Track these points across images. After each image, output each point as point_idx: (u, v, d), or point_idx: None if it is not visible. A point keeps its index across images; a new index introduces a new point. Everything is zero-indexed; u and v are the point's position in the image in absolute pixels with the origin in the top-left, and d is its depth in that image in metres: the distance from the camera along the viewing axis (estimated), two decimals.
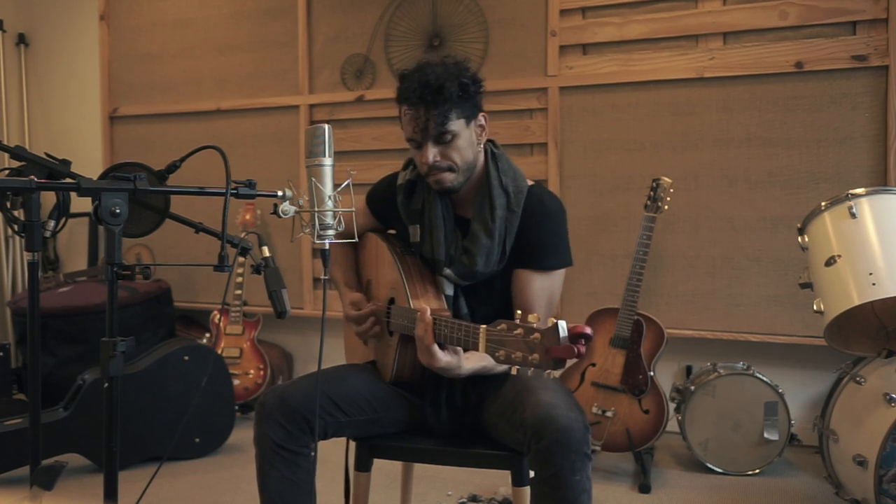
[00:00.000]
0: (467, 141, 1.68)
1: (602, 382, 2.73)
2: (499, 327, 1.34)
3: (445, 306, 1.72)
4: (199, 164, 1.83)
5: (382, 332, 1.82)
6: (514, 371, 1.31)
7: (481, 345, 1.38)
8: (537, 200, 1.72)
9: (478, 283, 1.74)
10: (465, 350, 1.52)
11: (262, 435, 1.62)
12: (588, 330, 1.23)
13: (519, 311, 1.34)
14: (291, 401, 1.61)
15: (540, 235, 1.70)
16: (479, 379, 1.72)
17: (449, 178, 1.69)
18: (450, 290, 1.74)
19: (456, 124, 1.65)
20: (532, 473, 1.53)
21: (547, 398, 1.53)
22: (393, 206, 1.86)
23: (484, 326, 1.37)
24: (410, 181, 1.82)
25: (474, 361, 1.61)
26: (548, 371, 1.26)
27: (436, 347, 1.52)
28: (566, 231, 1.75)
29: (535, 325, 1.27)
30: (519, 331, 1.29)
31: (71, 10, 4.30)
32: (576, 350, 1.22)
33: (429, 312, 1.53)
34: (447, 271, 1.72)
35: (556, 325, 1.23)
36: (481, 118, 1.72)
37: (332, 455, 2.06)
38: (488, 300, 1.75)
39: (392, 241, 1.89)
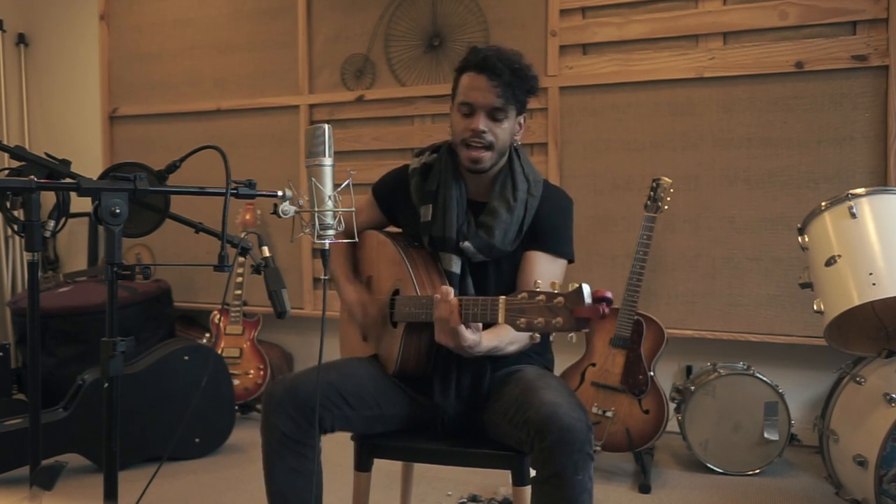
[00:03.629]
0: (510, 129, 1.76)
1: (602, 382, 2.73)
2: (519, 296, 1.36)
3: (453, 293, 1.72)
4: (199, 164, 1.83)
5: (385, 324, 1.83)
6: (534, 338, 1.35)
7: (501, 315, 1.39)
8: (553, 191, 1.85)
9: (487, 263, 1.77)
10: (484, 323, 1.52)
11: (269, 425, 1.62)
12: (609, 294, 1.27)
13: (539, 281, 1.37)
14: (300, 392, 1.61)
15: (554, 221, 1.79)
16: (488, 373, 1.72)
17: (486, 156, 1.74)
18: (457, 268, 1.76)
19: (511, 109, 1.73)
20: (533, 473, 1.54)
21: (550, 398, 1.53)
22: (402, 194, 1.88)
23: (503, 297, 1.40)
24: (426, 164, 1.86)
25: (489, 339, 1.62)
26: (570, 335, 1.30)
27: (463, 328, 1.52)
28: (573, 225, 1.84)
29: (556, 291, 1.32)
30: (541, 297, 1.33)
31: (71, 10, 4.30)
32: (600, 310, 1.26)
33: (452, 293, 1.52)
34: (465, 244, 1.74)
35: (580, 288, 1.28)
36: (522, 118, 1.80)
37: (333, 455, 2.06)
38: (495, 281, 1.79)
39: (394, 236, 1.90)
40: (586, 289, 1.28)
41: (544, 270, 1.74)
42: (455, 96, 1.78)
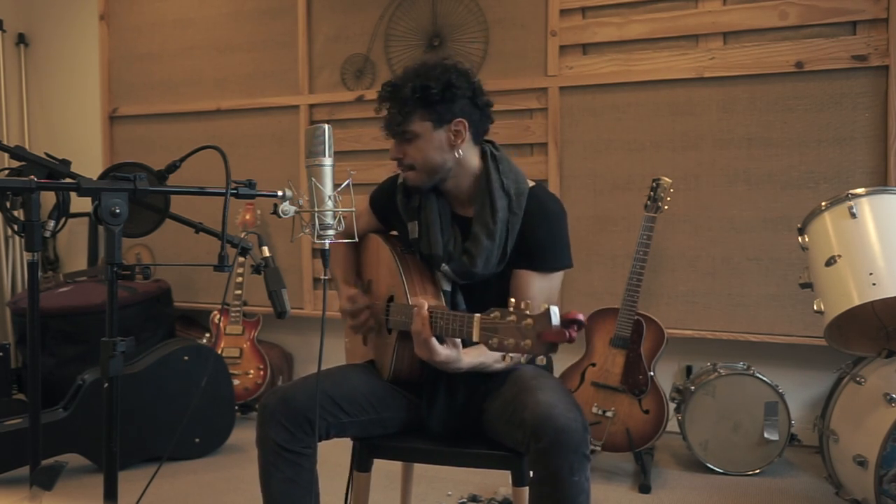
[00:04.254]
0: (434, 144, 1.69)
1: (602, 382, 2.73)
2: (492, 315, 1.35)
3: (443, 303, 1.72)
4: (199, 164, 1.83)
5: (381, 329, 1.83)
6: (507, 360, 1.32)
7: (475, 333, 1.38)
8: (538, 202, 1.72)
9: (476, 281, 1.75)
10: (462, 339, 1.51)
11: (264, 437, 1.62)
12: (580, 316, 1.25)
13: (512, 300, 1.35)
14: (294, 402, 1.61)
15: (541, 237, 1.70)
16: (480, 381, 1.72)
17: (410, 175, 1.74)
18: (447, 286, 1.75)
19: (419, 126, 1.68)
20: (531, 474, 1.54)
21: (546, 398, 1.53)
22: (394, 206, 1.87)
23: (478, 315, 1.39)
24: None
25: (473, 356, 1.62)
26: (540, 357, 1.28)
27: (434, 341, 1.52)
28: (567, 233, 1.75)
29: (527, 312, 1.29)
30: (512, 317, 1.31)
31: (71, 10, 4.30)
32: (567, 334, 1.23)
33: (426, 307, 1.53)
34: (445, 268, 1.72)
35: (548, 311, 1.25)
36: (457, 125, 1.69)
37: (332, 455, 2.06)
38: (486, 297, 1.74)
39: (393, 241, 1.90)
40: (555, 312, 1.24)
41: (538, 289, 1.70)
42: None
